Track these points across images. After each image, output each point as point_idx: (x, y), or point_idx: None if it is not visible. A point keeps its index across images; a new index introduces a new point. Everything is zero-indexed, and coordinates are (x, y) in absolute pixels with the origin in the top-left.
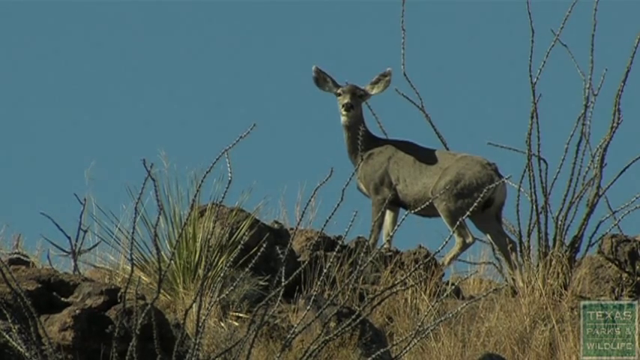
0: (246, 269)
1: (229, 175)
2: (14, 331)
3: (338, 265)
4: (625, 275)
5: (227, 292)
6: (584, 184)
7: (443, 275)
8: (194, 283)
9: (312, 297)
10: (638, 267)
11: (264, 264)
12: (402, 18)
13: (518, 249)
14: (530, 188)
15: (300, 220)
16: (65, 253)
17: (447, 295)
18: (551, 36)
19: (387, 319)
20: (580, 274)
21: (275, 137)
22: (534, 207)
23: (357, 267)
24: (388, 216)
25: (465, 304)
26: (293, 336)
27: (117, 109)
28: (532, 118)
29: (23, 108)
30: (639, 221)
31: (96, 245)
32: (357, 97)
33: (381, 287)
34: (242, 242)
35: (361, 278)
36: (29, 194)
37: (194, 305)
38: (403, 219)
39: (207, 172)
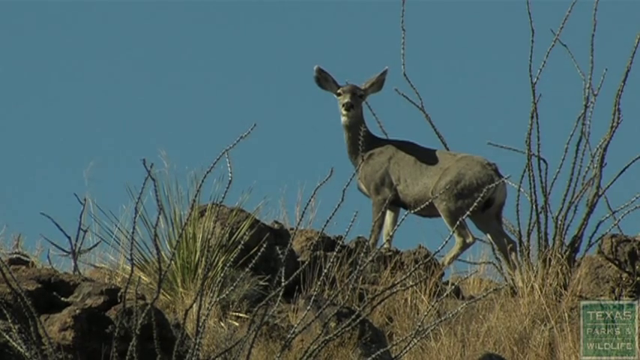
0: (246, 269)
1: (229, 175)
2: (14, 331)
3: (338, 265)
4: (625, 275)
5: (227, 292)
6: (584, 184)
7: (443, 275)
8: (194, 283)
9: (312, 297)
10: (638, 267)
11: (264, 264)
12: (402, 18)
13: (518, 249)
14: (530, 188)
15: (300, 220)
16: (65, 253)
17: (446, 295)
18: (551, 36)
19: (387, 319)
20: (580, 274)
21: (275, 137)
22: (534, 207)
23: (357, 267)
24: (388, 216)
25: (464, 304)
26: (293, 336)
27: (117, 109)
28: (532, 118)
29: (23, 108)
30: (639, 221)
31: (96, 245)
32: (358, 96)
33: (380, 287)
34: (242, 242)
35: (361, 278)
36: (29, 194)
37: (194, 305)
38: (403, 219)
39: (207, 172)
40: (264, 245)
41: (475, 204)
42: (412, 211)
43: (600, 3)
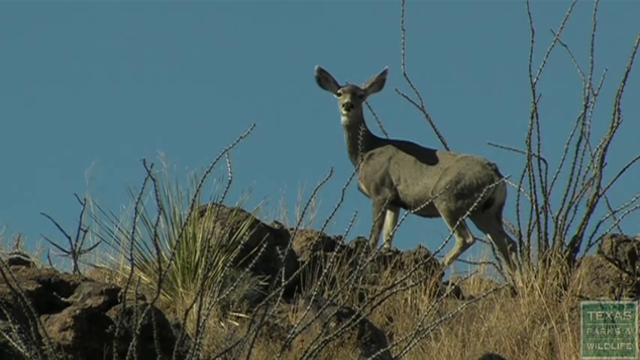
0: (246, 269)
1: (229, 175)
2: (14, 331)
3: (338, 265)
4: (625, 275)
5: (227, 292)
6: (584, 184)
7: (443, 275)
8: (194, 283)
9: (312, 297)
10: (638, 267)
11: (264, 264)
12: (402, 18)
13: (518, 249)
14: (530, 188)
15: (300, 220)
16: (65, 253)
17: (447, 295)
18: (551, 36)
19: (387, 319)
20: (580, 274)
21: (275, 137)
22: (534, 207)
23: (357, 267)
24: (389, 216)
25: (464, 304)
26: (293, 336)
27: (117, 109)
28: (532, 118)
29: (23, 108)
30: (639, 221)
31: (96, 245)
32: (358, 96)
33: (380, 287)
34: (242, 242)
35: (361, 278)
36: (29, 194)
37: (194, 305)
38: (403, 219)
39: (207, 172)
40: (264, 245)
41: (475, 204)
42: (412, 211)
43: (600, 3)
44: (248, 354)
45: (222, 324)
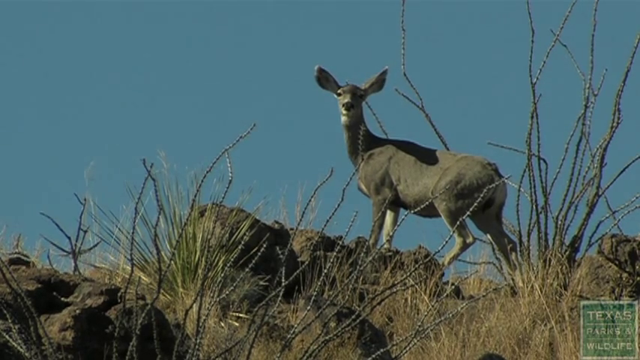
0: (246, 269)
1: (229, 175)
2: (14, 331)
3: (338, 265)
4: (625, 275)
5: (227, 292)
6: (584, 184)
7: (443, 275)
8: (194, 283)
9: (312, 297)
10: (638, 267)
11: (264, 264)
12: (402, 18)
13: (518, 249)
14: (530, 188)
15: (301, 220)
16: (65, 253)
17: (447, 295)
18: (551, 36)
19: (387, 319)
20: (580, 274)
21: (275, 137)
22: (534, 207)
23: (357, 267)
24: (389, 216)
25: (464, 304)
26: (293, 336)
27: (117, 109)
28: (532, 118)
29: (23, 108)
30: (639, 221)
31: (96, 245)
32: (358, 96)
33: (381, 287)
34: (242, 242)
35: (361, 278)
36: (29, 194)
37: (194, 305)
38: (403, 219)
39: (207, 172)
40: (264, 245)
41: (475, 204)
42: (412, 211)
43: (600, 3)
44: (248, 354)
45: (222, 324)
